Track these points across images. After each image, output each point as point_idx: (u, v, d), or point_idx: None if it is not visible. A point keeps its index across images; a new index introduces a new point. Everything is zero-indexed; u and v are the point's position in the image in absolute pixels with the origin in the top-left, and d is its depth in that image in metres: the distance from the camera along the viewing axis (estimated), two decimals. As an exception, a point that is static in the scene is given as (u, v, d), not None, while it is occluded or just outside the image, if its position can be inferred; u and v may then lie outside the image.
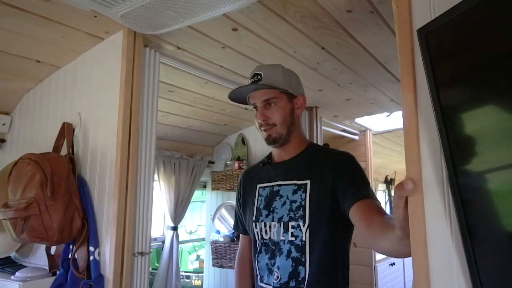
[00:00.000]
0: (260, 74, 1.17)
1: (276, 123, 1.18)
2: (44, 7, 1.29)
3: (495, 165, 0.58)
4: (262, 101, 1.18)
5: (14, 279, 1.38)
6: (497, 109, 0.58)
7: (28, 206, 1.29)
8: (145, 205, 1.49)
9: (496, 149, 0.57)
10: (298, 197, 1.14)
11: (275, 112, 1.18)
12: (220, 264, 2.94)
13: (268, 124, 1.18)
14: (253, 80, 1.19)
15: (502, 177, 0.57)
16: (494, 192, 0.58)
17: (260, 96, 1.18)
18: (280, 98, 1.18)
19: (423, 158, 0.71)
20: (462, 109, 0.63)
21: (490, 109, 0.59)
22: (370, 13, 1.40)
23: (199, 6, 1.20)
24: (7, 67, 1.69)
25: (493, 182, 0.59)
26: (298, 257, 1.11)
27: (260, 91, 1.18)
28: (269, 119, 1.17)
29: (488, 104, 0.59)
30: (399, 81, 2.21)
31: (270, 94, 1.17)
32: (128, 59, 1.45)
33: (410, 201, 0.70)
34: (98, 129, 1.54)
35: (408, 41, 0.76)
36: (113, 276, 1.33)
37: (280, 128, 1.18)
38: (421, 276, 0.68)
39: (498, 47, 0.55)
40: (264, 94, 1.18)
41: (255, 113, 1.22)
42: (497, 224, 0.58)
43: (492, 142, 0.58)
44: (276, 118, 1.18)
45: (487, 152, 0.59)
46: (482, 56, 0.58)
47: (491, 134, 0.58)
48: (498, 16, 0.54)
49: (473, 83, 0.61)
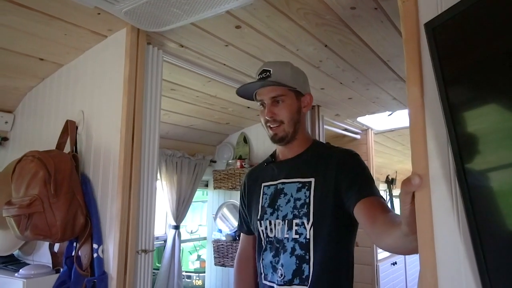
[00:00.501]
0: (269, 71, 1.17)
1: (284, 121, 1.17)
2: (47, 4, 1.29)
3: (504, 162, 0.58)
4: (270, 97, 1.17)
5: (19, 276, 1.38)
6: (508, 105, 0.57)
7: (31, 204, 1.29)
8: (148, 202, 1.49)
9: (506, 146, 0.57)
10: (302, 194, 1.14)
11: (282, 109, 1.17)
12: (222, 263, 2.94)
13: (275, 121, 1.17)
14: (262, 76, 1.18)
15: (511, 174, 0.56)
16: (503, 188, 0.58)
17: (268, 93, 1.17)
18: (288, 95, 1.18)
19: (430, 153, 0.70)
20: (470, 104, 0.63)
21: (500, 105, 0.59)
22: (374, 10, 1.40)
23: (202, 2, 1.20)
24: (10, 65, 1.69)
25: (502, 178, 0.58)
26: (302, 255, 1.11)
27: (268, 88, 1.17)
28: (277, 116, 1.17)
29: (498, 99, 0.59)
30: (402, 79, 2.21)
31: (278, 91, 1.17)
32: (132, 57, 1.45)
33: (417, 196, 0.69)
34: (101, 127, 1.54)
35: (414, 36, 0.75)
36: (116, 273, 1.33)
37: (287, 126, 1.18)
38: (428, 271, 0.68)
39: (509, 41, 0.55)
40: (273, 91, 1.17)
41: (261, 109, 1.21)
42: (507, 219, 0.57)
43: (502, 139, 0.58)
44: (283, 115, 1.17)
45: (496, 148, 0.59)
46: (491, 50, 0.58)
47: (501, 130, 0.58)
48: (509, 9, 0.54)
49: (482, 78, 0.60)
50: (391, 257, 4.00)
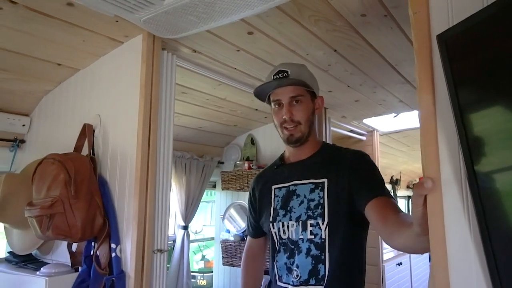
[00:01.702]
0: (287, 71, 1.17)
1: (301, 121, 1.18)
2: (68, 13, 1.33)
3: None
4: (290, 97, 1.17)
5: (41, 275, 1.43)
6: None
7: (53, 205, 1.33)
8: (163, 204, 1.53)
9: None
10: (316, 195, 1.16)
11: (300, 111, 1.18)
12: (231, 263, 2.98)
13: (293, 122, 1.17)
14: (278, 76, 1.18)
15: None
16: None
17: (288, 93, 1.17)
18: (305, 96, 1.19)
19: (442, 158, 0.74)
20: (480, 110, 0.66)
21: (507, 109, 0.62)
22: (384, 17, 1.43)
23: (219, 11, 1.24)
24: (27, 69, 1.73)
25: (511, 178, 0.61)
26: (318, 255, 1.12)
27: (288, 88, 1.17)
28: (294, 117, 1.17)
29: (507, 102, 0.62)
30: (408, 82, 2.25)
31: (298, 91, 1.17)
32: (148, 63, 1.49)
33: (429, 199, 0.73)
34: (117, 130, 1.58)
35: (426, 45, 0.79)
36: (134, 272, 1.38)
37: (304, 127, 1.19)
38: (440, 271, 0.71)
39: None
40: (292, 91, 1.17)
41: (276, 109, 1.20)
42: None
43: (509, 140, 0.60)
44: (301, 116, 1.18)
45: (505, 150, 0.62)
46: (502, 62, 0.61)
47: (507, 132, 0.61)
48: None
49: (491, 86, 0.64)
50: (397, 257, 4.02)
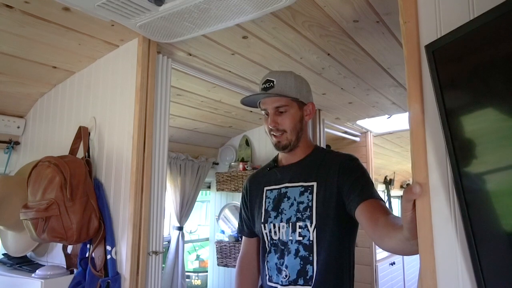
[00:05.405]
0: (273, 81, 1.21)
1: (286, 130, 1.21)
2: (64, 17, 1.34)
3: (495, 166, 0.63)
4: (274, 107, 1.21)
5: (36, 277, 1.44)
6: (496, 112, 0.63)
7: (48, 207, 1.34)
8: (158, 206, 1.55)
9: (496, 150, 0.62)
10: (305, 198, 1.19)
11: (285, 119, 1.21)
12: (225, 263, 3.00)
13: (278, 130, 1.21)
14: (265, 86, 1.22)
15: (502, 178, 0.61)
16: (496, 193, 0.63)
17: (272, 103, 1.21)
18: (291, 105, 1.22)
19: (430, 164, 0.76)
20: (465, 117, 0.69)
21: (490, 113, 0.65)
22: (376, 23, 1.46)
23: (214, 17, 1.26)
24: (23, 72, 1.74)
25: (495, 183, 0.63)
26: (306, 256, 1.16)
27: (272, 98, 1.21)
28: (280, 126, 1.21)
29: (488, 108, 0.64)
30: (401, 85, 2.28)
31: (281, 101, 1.21)
32: (143, 66, 1.50)
33: (417, 204, 0.75)
34: (113, 133, 1.59)
35: (415, 55, 0.81)
36: (129, 274, 1.39)
37: (290, 134, 1.22)
38: (428, 273, 0.74)
39: (507, 68, 0.60)
40: (276, 101, 1.21)
41: (265, 118, 1.25)
42: (500, 224, 0.63)
43: (492, 143, 0.63)
44: (286, 125, 1.21)
45: (488, 154, 0.64)
46: (487, 73, 0.64)
47: (491, 137, 0.63)
48: (503, 34, 0.59)
49: (475, 94, 0.67)
50: (390, 257, 4.07)
